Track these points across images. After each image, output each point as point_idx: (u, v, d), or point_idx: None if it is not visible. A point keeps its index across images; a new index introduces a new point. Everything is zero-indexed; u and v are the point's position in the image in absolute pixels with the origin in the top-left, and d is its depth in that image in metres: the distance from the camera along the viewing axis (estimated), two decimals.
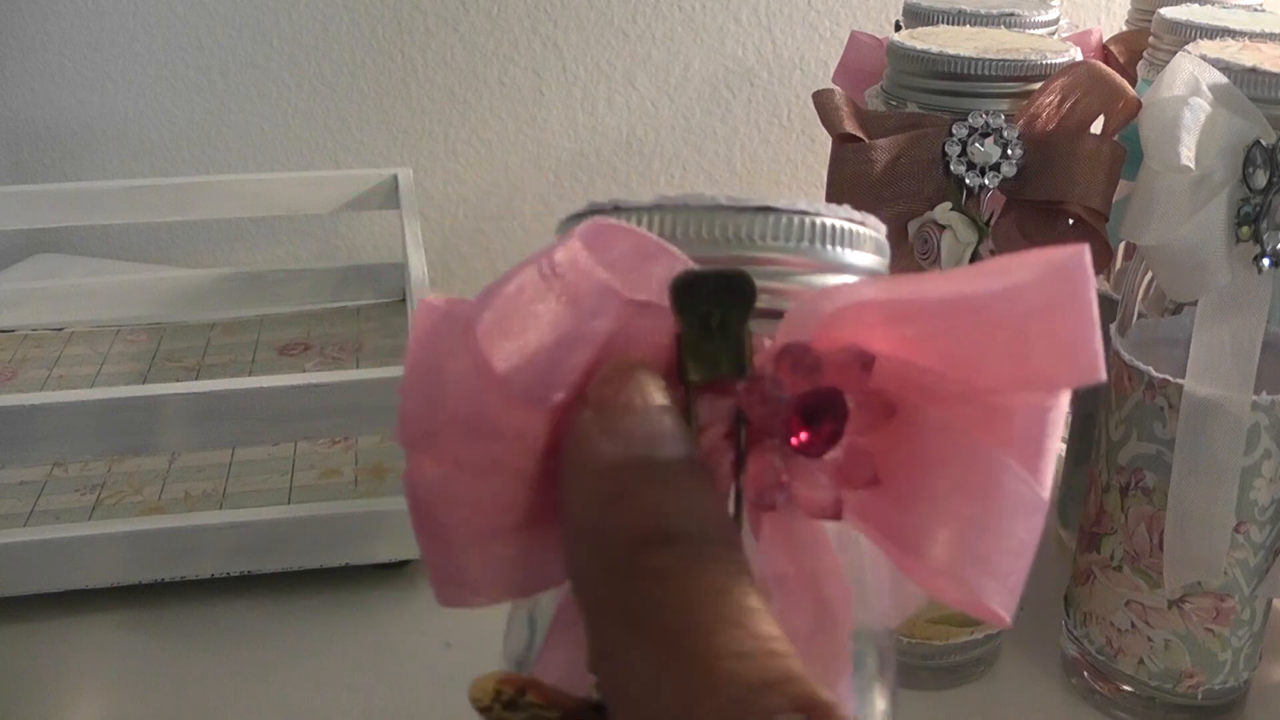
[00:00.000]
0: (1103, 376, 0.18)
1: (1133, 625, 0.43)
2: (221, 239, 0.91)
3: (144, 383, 0.67)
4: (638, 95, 0.83)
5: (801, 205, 0.19)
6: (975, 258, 0.38)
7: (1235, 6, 0.50)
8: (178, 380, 0.65)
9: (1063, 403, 0.18)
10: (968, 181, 0.37)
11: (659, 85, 0.83)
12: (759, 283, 0.17)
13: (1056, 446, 0.19)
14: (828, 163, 0.39)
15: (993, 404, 0.18)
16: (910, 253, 0.39)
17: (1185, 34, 0.44)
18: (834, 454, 0.17)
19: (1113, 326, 0.43)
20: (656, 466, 0.16)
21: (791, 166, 0.84)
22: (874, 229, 0.20)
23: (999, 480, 0.18)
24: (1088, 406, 0.52)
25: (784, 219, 0.18)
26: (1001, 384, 0.18)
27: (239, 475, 0.57)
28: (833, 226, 0.19)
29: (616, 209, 0.19)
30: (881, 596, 0.20)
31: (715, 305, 0.17)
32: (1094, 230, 0.39)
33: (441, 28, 0.83)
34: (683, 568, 0.15)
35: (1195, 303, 0.38)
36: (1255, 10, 0.50)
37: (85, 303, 0.75)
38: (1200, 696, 0.43)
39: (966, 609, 0.19)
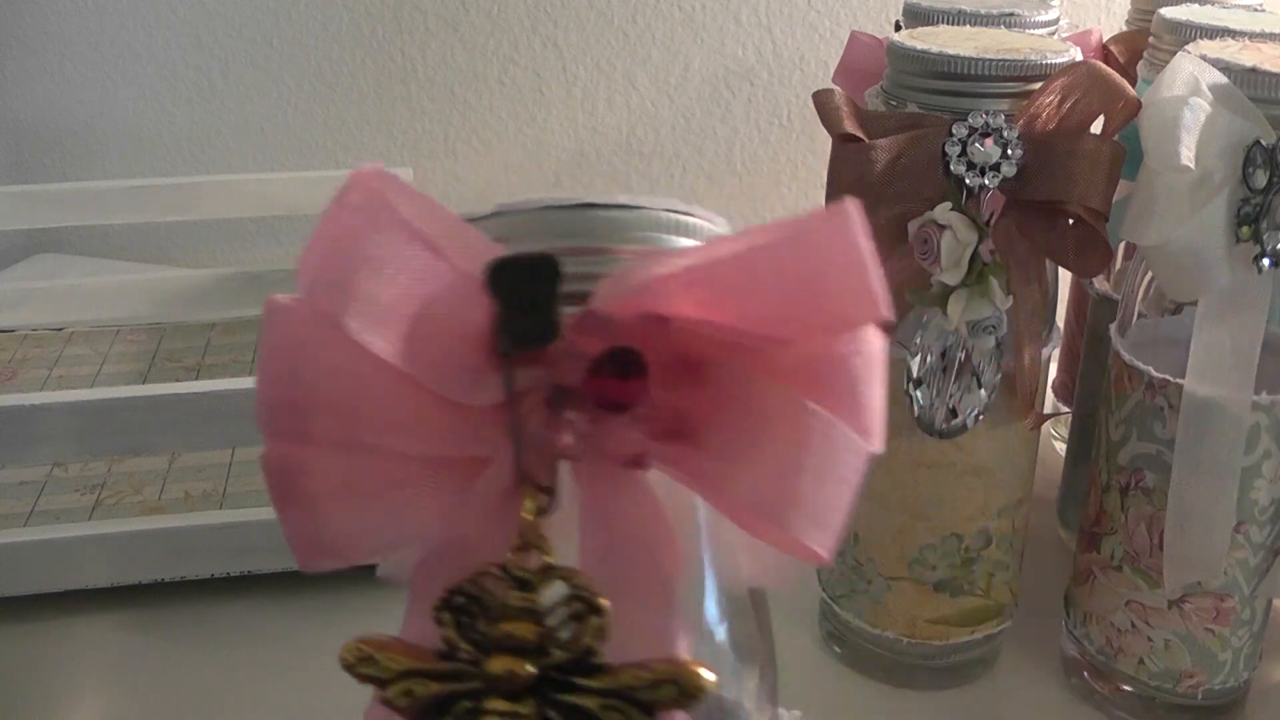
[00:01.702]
0: (885, 312, 0.19)
1: (1133, 625, 0.43)
2: (221, 239, 0.91)
3: (144, 383, 0.67)
4: (638, 95, 0.83)
5: (623, 199, 0.20)
6: (975, 258, 0.38)
7: (1235, 6, 0.50)
8: (178, 380, 0.65)
9: (868, 346, 0.20)
10: (968, 181, 0.37)
11: (659, 85, 0.83)
12: (587, 270, 0.19)
13: (878, 389, 0.20)
14: (828, 163, 0.39)
15: (796, 353, 0.19)
16: (910, 253, 0.39)
17: (1185, 34, 0.44)
18: (642, 409, 0.19)
19: (1113, 326, 0.43)
20: None
21: (791, 166, 0.84)
22: (707, 220, 0.21)
23: (804, 423, 0.19)
24: (1087, 406, 0.52)
25: (604, 213, 0.20)
26: (794, 332, 0.19)
27: (239, 475, 0.56)
28: (655, 217, 0.20)
29: (472, 219, 0.21)
30: (743, 558, 0.22)
31: (525, 284, 0.19)
32: (1094, 230, 0.39)
33: (441, 28, 0.83)
34: None
35: (1195, 303, 0.38)
36: (1255, 10, 0.50)
37: (85, 303, 0.75)
38: (1200, 696, 0.43)
39: (786, 549, 0.20)
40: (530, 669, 0.19)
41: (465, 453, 0.20)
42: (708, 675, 0.18)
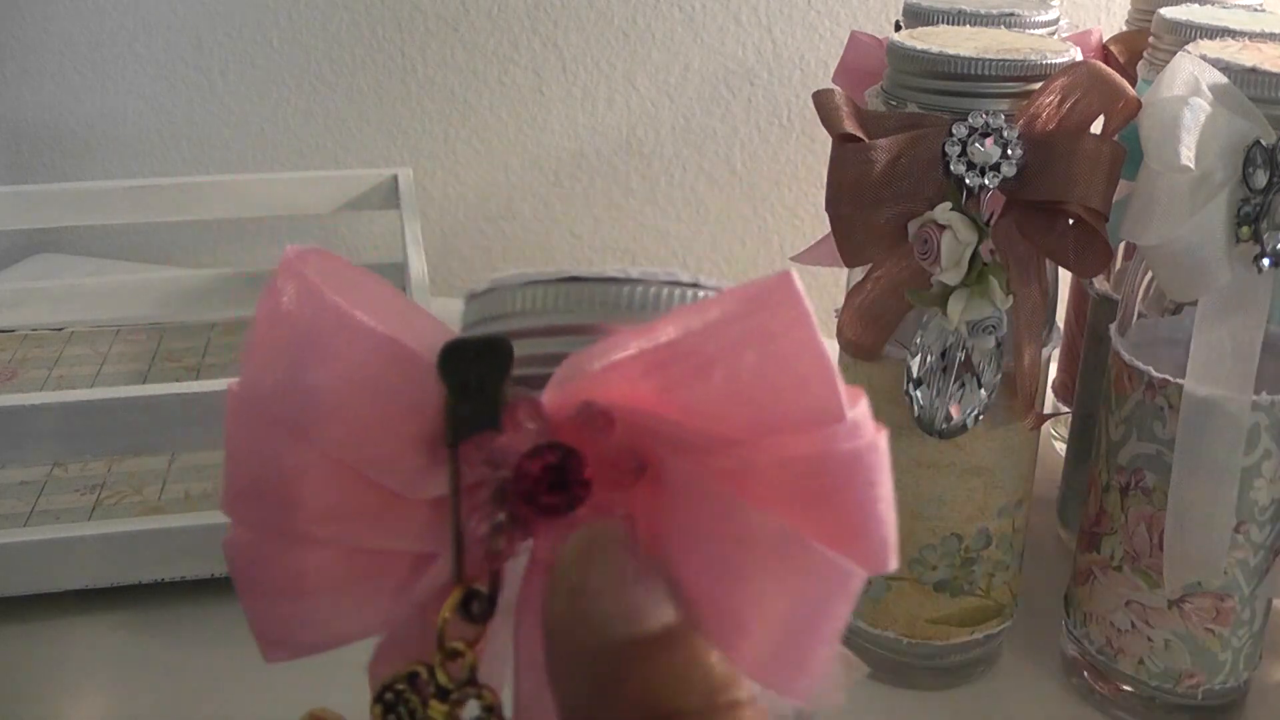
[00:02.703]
0: (844, 413, 0.16)
1: (1133, 625, 0.43)
2: (221, 239, 0.91)
3: (144, 383, 0.67)
4: (638, 95, 0.83)
5: (612, 273, 0.18)
6: (975, 258, 0.38)
7: (1235, 6, 0.50)
8: (178, 380, 0.65)
9: (852, 443, 0.16)
10: (968, 181, 0.37)
11: (659, 85, 0.83)
12: (566, 350, 0.17)
13: (874, 491, 0.16)
14: (828, 163, 0.39)
15: (761, 456, 0.17)
16: (910, 253, 0.39)
17: (1185, 34, 0.44)
18: (584, 510, 0.17)
19: (1113, 326, 0.43)
20: (639, 644, 0.16)
21: (791, 166, 0.84)
22: (713, 289, 0.18)
23: (780, 554, 0.16)
24: (1087, 407, 0.52)
25: (586, 287, 0.18)
26: (740, 431, 0.16)
27: None
28: (645, 293, 0.18)
29: (472, 296, 0.19)
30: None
31: (474, 369, 0.17)
32: (1094, 230, 0.39)
33: (441, 28, 0.83)
34: None
35: (1195, 303, 0.38)
36: (1255, 10, 0.50)
37: (85, 303, 0.75)
38: (1200, 696, 0.43)
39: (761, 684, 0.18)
40: None
41: (412, 548, 0.19)
42: None
